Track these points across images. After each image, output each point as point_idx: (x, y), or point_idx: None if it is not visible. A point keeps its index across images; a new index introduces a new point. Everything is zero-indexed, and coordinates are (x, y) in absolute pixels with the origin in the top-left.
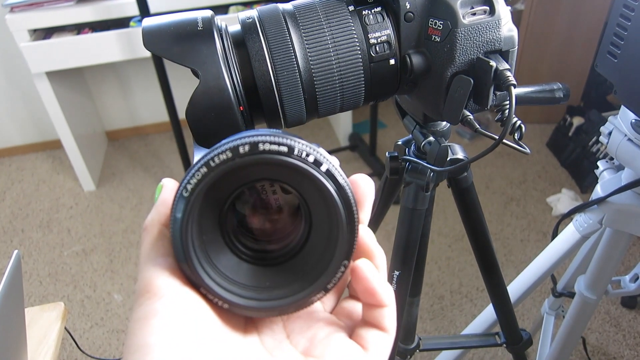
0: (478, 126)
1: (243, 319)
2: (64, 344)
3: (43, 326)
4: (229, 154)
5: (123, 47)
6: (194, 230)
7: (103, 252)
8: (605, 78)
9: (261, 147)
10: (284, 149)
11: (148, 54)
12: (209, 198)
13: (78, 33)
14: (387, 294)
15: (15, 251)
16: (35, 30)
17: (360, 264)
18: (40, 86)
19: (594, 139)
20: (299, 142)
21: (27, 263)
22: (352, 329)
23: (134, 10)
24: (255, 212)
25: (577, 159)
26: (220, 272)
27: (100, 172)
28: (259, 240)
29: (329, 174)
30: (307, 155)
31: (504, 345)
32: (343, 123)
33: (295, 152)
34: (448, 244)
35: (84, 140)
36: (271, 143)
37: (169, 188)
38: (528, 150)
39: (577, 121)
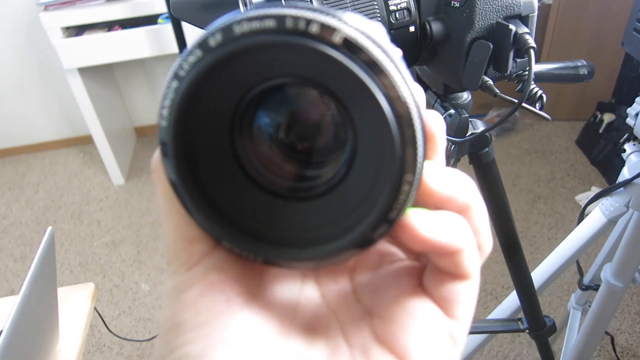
0: (497, 90)
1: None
2: (92, 330)
3: (74, 305)
4: (199, 53)
5: (151, 43)
6: (196, 167)
7: (131, 243)
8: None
9: (237, 29)
10: (271, 23)
11: (175, 50)
12: (203, 120)
13: (108, 30)
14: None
15: (49, 228)
16: (67, 28)
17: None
18: (72, 82)
19: (625, 136)
20: (295, 8)
21: (59, 253)
22: (419, 273)
23: (161, 7)
24: (286, 125)
25: (607, 157)
26: (243, 216)
27: (129, 166)
28: (293, 167)
29: (348, 44)
30: (308, 23)
31: (527, 331)
32: None
33: (288, 23)
34: None
35: (114, 136)
36: (251, 19)
37: None
38: (548, 117)
39: (607, 118)
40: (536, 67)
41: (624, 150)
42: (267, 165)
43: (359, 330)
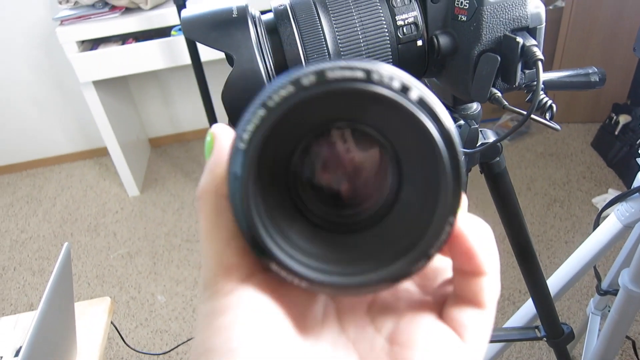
0: (506, 102)
1: (321, 305)
2: (110, 343)
3: (91, 319)
4: (291, 89)
5: (165, 55)
6: (257, 190)
7: (147, 254)
8: None
9: (330, 74)
10: (360, 74)
11: (188, 61)
12: (270, 149)
13: (123, 43)
14: (489, 258)
15: (66, 243)
16: (83, 42)
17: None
18: (87, 95)
19: None
20: (378, 65)
21: (76, 265)
22: (440, 305)
23: (174, 19)
24: (330, 168)
25: (624, 158)
26: (293, 243)
27: (144, 178)
28: (336, 204)
29: (422, 103)
30: (391, 79)
31: (544, 339)
32: None
33: (375, 76)
34: None
35: (129, 148)
36: (342, 68)
37: (222, 139)
38: (558, 127)
39: (623, 119)
40: (547, 76)
41: (639, 155)
42: (310, 200)
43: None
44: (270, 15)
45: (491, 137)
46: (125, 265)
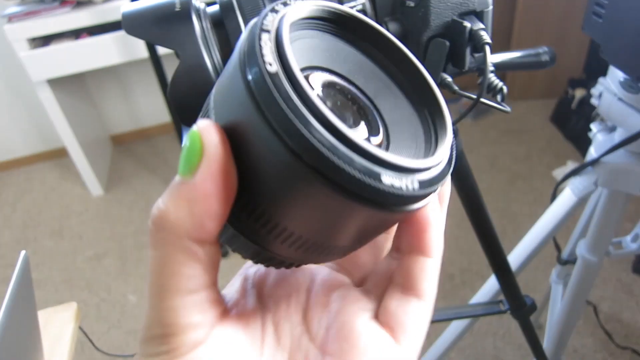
0: (456, 88)
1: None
2: (82, 348)
3: (57, 327)
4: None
5: (121, 49)
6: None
7: (115, 255)
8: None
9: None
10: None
11: (146, 54)
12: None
13: (76, 38)
14: (437, 243)
15: (23, 252)
16: (34, 39)
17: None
18: (42, 94)
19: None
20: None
21: (42, 271)
22: (378, 298)
23: None
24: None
25: (581, 131)
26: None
27: (108, 176)
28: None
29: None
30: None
31: (508, 311)
32: None
33: None
34: (456, 224)
35: (89, 146)
36: None
37: (214, 147)
38: (508, 109)
39: (579, 93)
40: (498, 57)
41: (591, 130)
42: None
43: None
44: (216, 8)
45: None
46: (94, 268)
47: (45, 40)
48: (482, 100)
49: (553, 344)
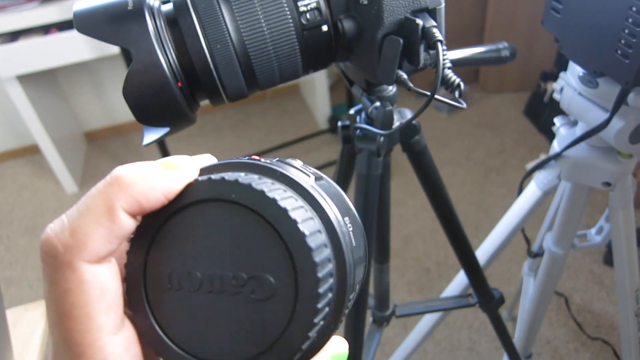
0: (411, 84)
1: None
2: None
3: (28, 325)
4: None
5: (91, 45)
6: None
7: None
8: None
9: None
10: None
11: (117, 50)
12: None
13: (45, 34)
14: None
15: None
16: (1, 35)
17: None
18: (11, 91)
19: None
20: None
21: (16, 269)
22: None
23: None
24: None
25: (554, 124)
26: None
27: (82, 173)
28: None
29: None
30: None
31: (477, 304)
32: (321, 106)
33: None
34: (431, 218)
35: (63, 143)
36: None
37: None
38: (464, 105)
39: (551, 87)
40: (458, 53)
41: (555, 124)
42: None
43: None
44: (169, 6)
45: (409, 116)
46: None
47: (13, 36)
48: (436, 97)
49: (524, 335)
